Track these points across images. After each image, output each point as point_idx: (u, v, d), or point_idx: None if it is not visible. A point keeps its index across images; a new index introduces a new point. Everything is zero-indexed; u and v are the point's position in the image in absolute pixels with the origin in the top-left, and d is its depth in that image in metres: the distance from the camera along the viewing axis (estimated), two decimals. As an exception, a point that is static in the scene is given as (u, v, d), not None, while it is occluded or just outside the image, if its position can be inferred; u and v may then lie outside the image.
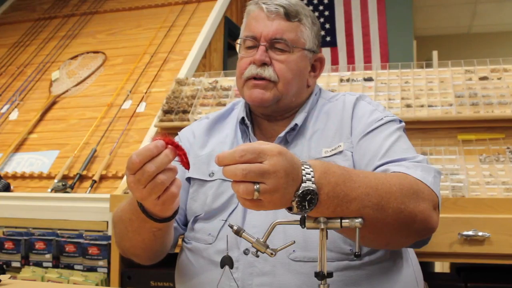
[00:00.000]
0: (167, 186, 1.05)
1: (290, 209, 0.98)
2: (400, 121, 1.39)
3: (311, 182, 0.96)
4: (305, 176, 0.97)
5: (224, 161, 0.93)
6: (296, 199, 0.95)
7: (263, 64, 1.36)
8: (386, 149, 1.27)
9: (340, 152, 1.31)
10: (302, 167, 0.98)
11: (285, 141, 1.39)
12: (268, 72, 1.36)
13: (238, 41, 1.44)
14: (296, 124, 1.38)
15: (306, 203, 0.95)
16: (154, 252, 1.32)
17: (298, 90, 1.41)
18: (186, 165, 1.05)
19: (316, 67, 1.48)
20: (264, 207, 0.95)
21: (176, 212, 1.18)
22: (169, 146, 1.03)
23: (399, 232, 1.10)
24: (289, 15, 1.37)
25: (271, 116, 1.43)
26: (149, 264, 1.38)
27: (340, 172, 1.02)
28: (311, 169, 0.98)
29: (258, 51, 1.36)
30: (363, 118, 1.36)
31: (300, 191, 0.95)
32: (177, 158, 1.05)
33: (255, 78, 1.37)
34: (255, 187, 0.91)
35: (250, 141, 1.42)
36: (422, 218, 1.09)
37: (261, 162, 0.92)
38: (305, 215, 0.99)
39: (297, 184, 0.96)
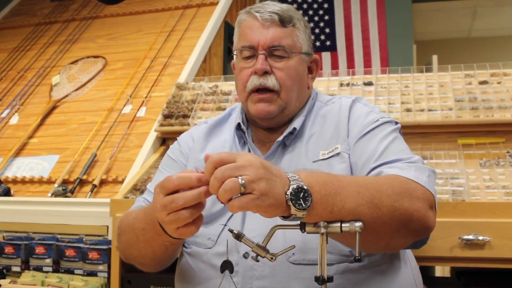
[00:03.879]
0: (189, 221, 1.05)
1: (286, 217, 0.98)
2: (396, 123, 1.40)
3: (300, 182, 0.98)
4: (291, 178, 0.98)
5: (206, 174, 0.97)
6: (290, 197, 0.95)
7: (265, 73, 1.36)
8: (381, 151, 1.28)
9: (337, 154, 1.32)
10: (285, 173, 1.00)
11: (283, 145, 1.39)
12: (271, 81, 1.36)
13: (235, 52, 1.44)
14: (294, 128, 1.39)
15: (301, 201, 0.96)
16: (163, 263, 1.33)
17: (300, 95, 1.43)
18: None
19: (312, 68, 1.49)
20: (258, 201, 0.94)
21: None
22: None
23: (397, 232, 1.10)
24: (283, 21, 1.38)
25: (271, 126, 1.43)
26: (154, 272, 1.38)
27: (325, 174, 1.05)
28: (295, 174, 1.00)
29: (258, 60, 1.37)
30: (359, 120, 1.37)
31: (291, 189, 0.96)
32: None
33: (258, 89, 1.37)
34: (239, 179, 0.92)
35: (248, 146, 1.42)
36: (418, 216, 1.10)
37: (234, 161, 0.96)
38: (302, 221, 0.99)
39: (285, 184, 0.97)
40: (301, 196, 0.96)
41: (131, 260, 1.35)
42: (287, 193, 0.96)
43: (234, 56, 1.46)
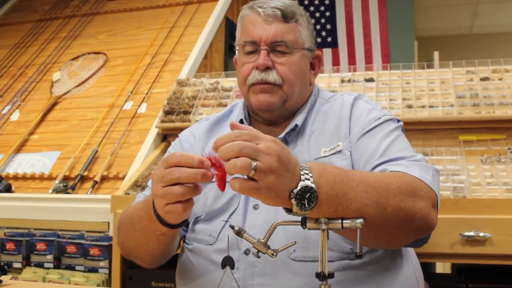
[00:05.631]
0: (179, 200, 1.05)
1: (289, 210, 0.98)
2: (398, 120, 1.39)
3: (309, 181, 0.96)
4: (303, 175, 0.97)
5: (221, 142, 0.94)
6: (296, 196, 0.95)
7: (267, 68, 1.36)
8: (384, 149, 1.27)
9: (339, 151, 1.32)
10: (300, 167, 0.98)
11: (285, 142, 1.39)
12: (272, 76, 1.36)
13: (237, 47, 1.44)
14: (296, 125, 1.39)
15: (305, 201, 0.95)
16: (156, 257, 1.32)
17: (302, 90, 1.42)
18: (222, 187, 1.01)
19: (314, 65, 1.49)
20: (259, 192, 0.94)
21: (182, 223, 1.17)
22: (211, 170, 1.01)
23: (399, 230, 1.10)
24: (286, 16, 1.37)
25: (272, 120, 1.43)
26: (151, 267, 1.38)
27: (337, 172, 1.03)
28: (309, 169, 0.99)
29: (260, 56, 1.36)
30: (361, 117, 1.37)
31: (299, 188, 0.95)
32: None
33: (260, 83, 1.37)
34: (252, 163, 0.91)
35: None
36: (421, 216, 1.09)
37: (256, 144, 0.94)
38: (306, 216, 0.98)
39: (295, 181, 0.96)
40: (306, 196, 0.95)
41: (129, 253, 1.36)
42: (293, 191, 0.95)
43: (236, 51, 1.45)
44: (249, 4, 1.44)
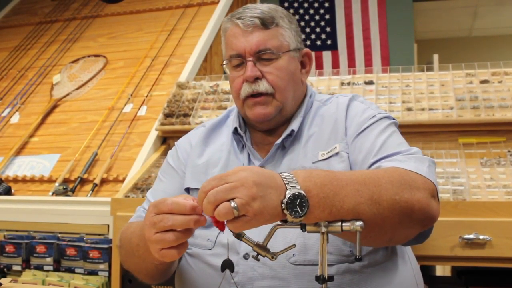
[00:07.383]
0: (172, 246, 1.05)
1: (285, 221, 0.97)
2: (393, 119, 1.39)
3: (296, 187, 0.96)
4: (288, 184, 0.97)
5: (199, 202, 0.97)
6: (287, 206, 0.94)
7: (256, 79, 1.36)
8: (379, 146, 1.27)
9: (336, 153, 1.32)
10: (282, 177, 0.98)
11: (282, 147, 1.39)
12: (263, 86, 1.36)
13: (224, 61, 1.44)
14: (292, 130, 1.38)
15: (297, 208, 0.95)
16: (157, 279, 1.34)
17: (295, 93, 1.42)
18: (221, 227, 1.01)
19: (305, 62, 1.48)
20: (252, 222, 0.94)
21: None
22: (202, 215, 1.01)
23: (400, 224, 1.09)
24: (265, 23, 1.36)
25: (269, 128, 1.43)
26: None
27: (324, 174, 1.03)
28: (292, 177, 0.99)
29: (247, 68, 1.36)
30: (356, 118, 1.37)
31: (287, 197, 0.95)
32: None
33: (252, 95, 1.37)
34: (231, 204, 0.92)
35: (247, 150, 1.42)
36: (420, 207, 1.08)
37: (226, 183, 0.94)
38: (302, 222, 0.98)
39: (281, 193, 0.96)
40: (297, 203, 0.95)
41: (130, 271, 1.38)
42: (283, 201, 0.95)
43: (224, 66, 1.45)
44: (228, 16, 1.43)
